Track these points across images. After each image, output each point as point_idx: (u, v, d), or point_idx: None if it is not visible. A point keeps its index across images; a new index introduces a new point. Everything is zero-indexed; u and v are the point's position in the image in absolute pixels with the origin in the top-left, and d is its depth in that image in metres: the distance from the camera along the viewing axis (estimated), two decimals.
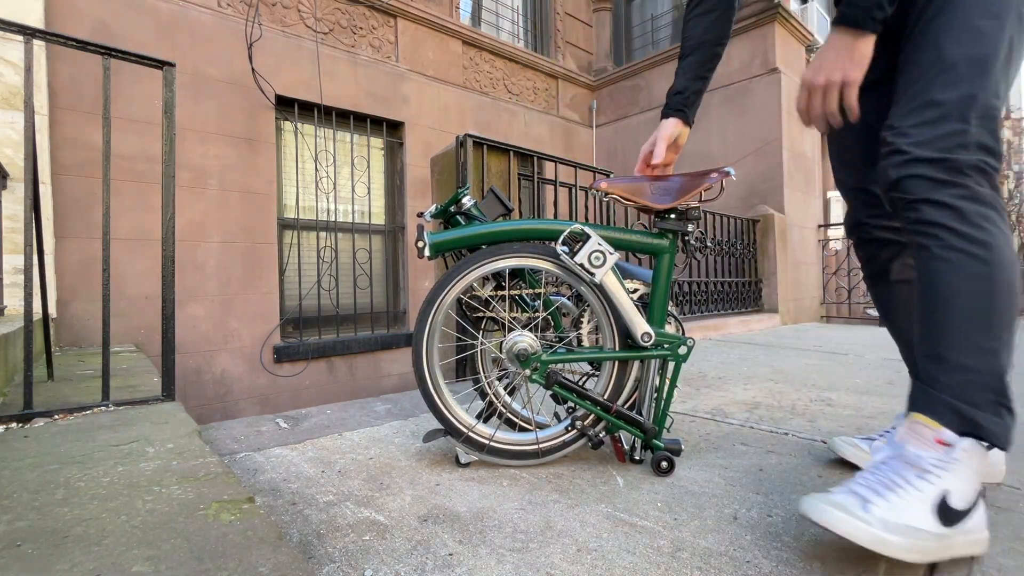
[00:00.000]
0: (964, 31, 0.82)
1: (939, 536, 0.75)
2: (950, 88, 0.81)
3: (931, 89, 0.82)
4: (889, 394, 1.91)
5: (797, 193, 5.30)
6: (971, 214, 0.80)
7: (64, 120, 2.93)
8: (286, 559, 0.66)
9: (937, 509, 0.76)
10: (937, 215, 0.81)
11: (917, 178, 0.82)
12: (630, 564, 0.80)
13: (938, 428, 0.80)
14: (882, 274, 1.14)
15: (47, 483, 0.89)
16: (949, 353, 0.81)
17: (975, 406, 0.79)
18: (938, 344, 0.83)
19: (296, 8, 3.96)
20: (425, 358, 1.18)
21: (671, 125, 1.21)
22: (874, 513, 0.74)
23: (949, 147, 0.80)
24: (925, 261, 0.84)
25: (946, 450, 0.78)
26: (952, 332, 0.82)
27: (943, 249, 0.82)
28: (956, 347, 0.81)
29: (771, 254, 4.92)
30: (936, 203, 0.81)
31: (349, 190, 4.21)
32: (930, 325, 0.84)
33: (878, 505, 0.75)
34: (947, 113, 0.81)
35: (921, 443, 0.80)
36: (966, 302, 0.81)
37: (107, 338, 1.42)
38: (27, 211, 1.34)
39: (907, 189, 0.83)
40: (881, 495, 0.76)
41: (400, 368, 4.32)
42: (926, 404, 0.82)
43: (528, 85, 5.80)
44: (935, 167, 0.81)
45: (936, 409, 0.81)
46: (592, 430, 1.16)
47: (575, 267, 1.11)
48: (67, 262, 2.92)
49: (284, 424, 1.53)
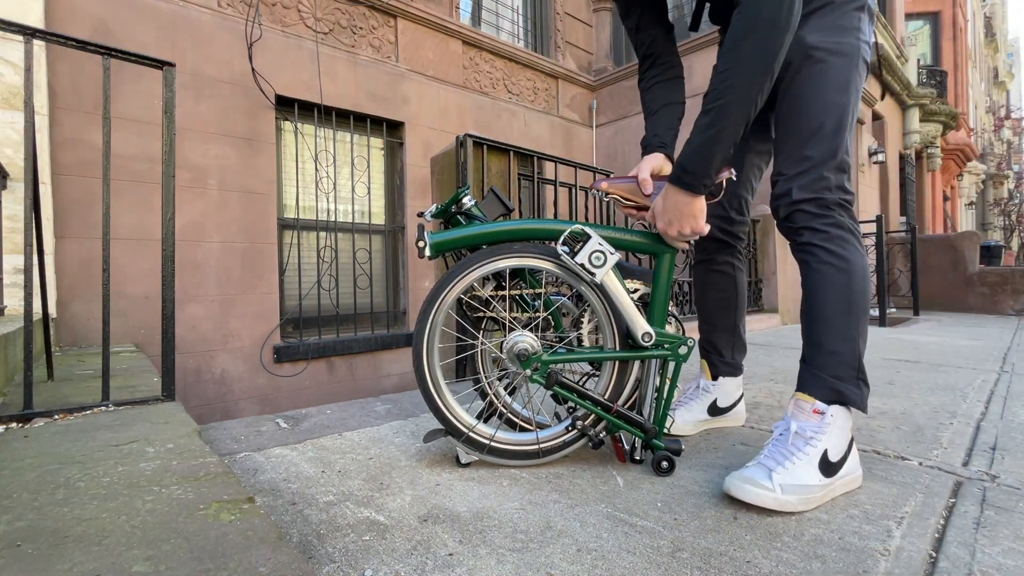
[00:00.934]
0: (825, 103, 1.09)
1: (823, 486, 0.99)
2: (818, 147, 1.09)
3: (805, 147, 1.10)
4: (889, 394, 1.91)
5: None
6: (835, 238, 1.09)
7: (64, 120, 2.93)
8: (286, 559, 0.66)
9: (820, 465, 1.00)
10: (814, 238, 1.10)
11: (800, 212, 1.11)
12: (630, 564, 0.80)
13: (814, 402, 1.05)
14: (707, 262, 1.46)
15: (47, 483, 0.89)
16: (824, 340, 1.08)
17: (840, 379, 1.05)
18: (817, 334, 1.09)
19: (296, 8, 3.96)
20: (426, 358, 1.18)
21: (656, 159, 1.24)
22: (775, 480, 0.97)
23: (818, 189, 1.09)
24: (807, 273, 1.12)
25: (820, 418, 1.04)
26: (824, 325, 1.08)
27: (818, 263, 1.10)
28: (828, 336, 1.08)
29: (771, 254, 4.92)
30: (812, 229, 1.10)
31: (349, 190, 4.21)
32: (811, 320, 1.11)
33: (778, 472, 0.98)
34: (816, 164, 1.09)
35: (804, 416, 1.06)
36: (833, 302, 1.08)
37: (107, 338, 1.42)
38: (27, 211, 1.34)
39: (794, 220, 1.12)
40: (781, 463, 1.00)
41: (400, 368, 4.32)
42: (806, 383, 1.08)
43: (528, 85, 5.80)
44: (812, 204, 1.09)
45: (812, 386, 1.07)
46: (592, 430, 1.16)
47: (575, 267, 1.11)
48: (67, 262, 2.92)
49: (284, 424, 1.53)
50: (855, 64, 1.10)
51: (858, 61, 1.10)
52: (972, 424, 1.54)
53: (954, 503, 1.01)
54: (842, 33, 1.10)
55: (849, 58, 1.09)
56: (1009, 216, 17.14)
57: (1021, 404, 1.79)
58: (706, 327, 1.48)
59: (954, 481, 1.11)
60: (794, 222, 1.12)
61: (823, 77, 1.09)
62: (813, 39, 1.09)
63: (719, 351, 1.46)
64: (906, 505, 0.99)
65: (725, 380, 1.46)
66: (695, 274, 1.50)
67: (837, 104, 1.09)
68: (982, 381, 2.18)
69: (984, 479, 1.13)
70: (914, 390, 1.99)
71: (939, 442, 1.37)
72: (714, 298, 1.46)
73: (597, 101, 6.59)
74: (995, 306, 6.52)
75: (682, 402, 1.47)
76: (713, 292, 1.46)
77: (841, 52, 1.09)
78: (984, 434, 1.45)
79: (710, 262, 1.46)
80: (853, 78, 1.10)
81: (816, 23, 1.10)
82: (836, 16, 1.10)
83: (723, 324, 1.46)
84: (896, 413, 1.65)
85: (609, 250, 1.10)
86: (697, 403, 1.45)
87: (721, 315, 1.46)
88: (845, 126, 1.09)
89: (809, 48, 1.09)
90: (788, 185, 1.11)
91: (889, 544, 0.85)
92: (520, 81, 5.71)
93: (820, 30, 1.10)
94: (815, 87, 1.09)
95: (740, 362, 1.48)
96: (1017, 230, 16.69)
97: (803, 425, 1.04)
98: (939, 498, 1.03)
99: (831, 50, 1.09)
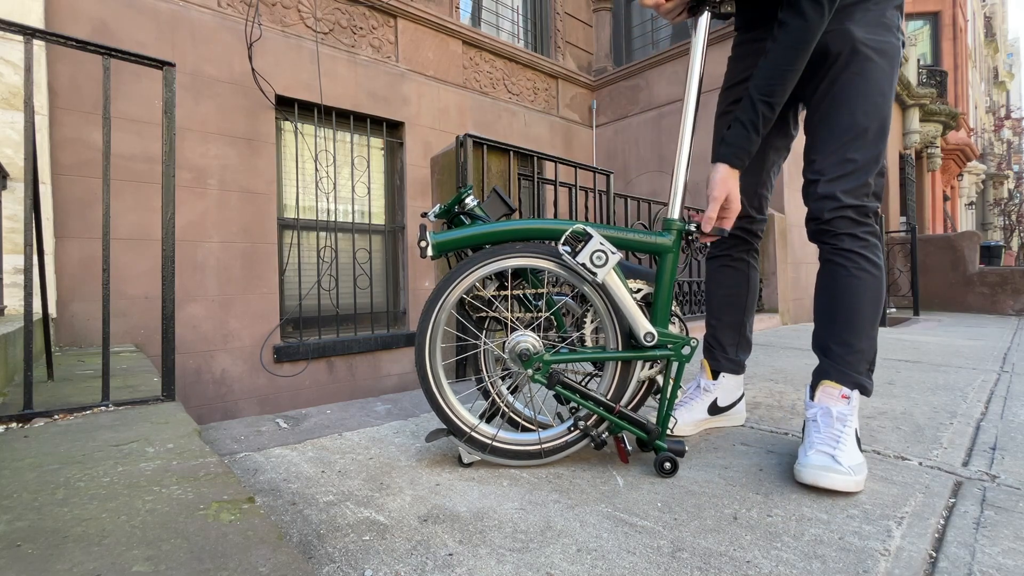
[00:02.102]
0: (871, 105, 1.10)
1: (864, 462, 1.09)
2: (862, 150, 1.11)
3: (849, 149, 1.11)
4: (889, 394, 1.91)
5: (797, 193, 5.30)
6: (872, 246, 1.16)
7: (64, 120, 2.93)
8: (286, 559, 0.66)
9: (856, 442, 1.11)
10: (855, 245, 1.15)
11: (843, 219, 1.14)
12: (630, 564, 0.80)
13: (841, 387, 1.16)
14: (723, 256, 1.48)
15: (47, 483, 0.89)
16: (853, 341, 1.17)
17: (859, 373, 1.17)
18: (847, 335, 1.17)
19: (296, 8, 3.96)
20: (428, 357, 1.17)
21: None
22: (844, 463, 1.04)
23: (863, 195, 1.13)
24: (841, 276, 1.17)
25: (847, 402, 1.14)
26: (856, 327, 1.17)
27: (857, 270, 1.15)
28: (857, 337, 1.17)
29: (771, 254, 4.92)
30: (854, 237, 1.15)
31: (349, 190, 4.21)
32: (843, 322, 1.18)
33: (841, 456, 1.05)
34: (860, 168, 1.11)
35: (835, 402, 1.15)
36: (867, 308, 1.16)
37: (107, 338, 1.42)
38: (27, 211, 1.34)
39: (837, 226, 1.15)
40: (836, 448, 1.07)
41: (400, 368, 4.32)
42: (833, 374, 1.18)
43: (528, 85, 5.80)
44: (855, 211, 1.13)
45: (840, 377, 1.17)
46: (595, 430, 1.16)
47: (577, 267, 1.11)
48: (67, 262, 2.92)
49: (284, 424, 1.53)
50: (896, 66, 1.11)
51: (898, 63, 1.12)
52: (972, 424, 1.54)
53: (954, 503, 1.01)
54: (886, 31, 1.09)
55: (892, 60, 1.10)
56: (1009, 216, 17.14)
57: (1021, 404, 1.79)
58: (713, 322, 1.50)
59: (954, 481, 1.11)
60: (837, 228, 1.15)
61: (870, 77, 1.08)
62: (860, 34, 1.07)
63: (723, 347, 1.47)
64: (906, 505, 0.99)
65: (726, 378, 1.47)
66: (708, 268, 1.51)
67: (880, 108, 1.10)
68: (982, 381, 2.17)
69: (984, 479, 1.13)
70: (914, 390, 1.99)
71: (939, 442, 1.37)
72: (725, 293, 1.47)
73: (597, 101, 6.59)
74: (995, 306, 6.52)
75: (683, 402, 1.47)
76: (724, 288, 1.47)
77: (886, 52, 1.09)
78: (984, 434, 1.45)
79: (726, 257, 1.47)
80: (893, 82, 1.11)
81: (861, 16, 1.08)
82: (879, 12, 1.09)
83: (731, 320, 1.47)
84: (896, 413, 1.65)
85: (611, 250, 1.10)
86: (697, 403, 1.45)
87: (730, 311, 1.47)
88: (887, 131, 1.11)
89: (857, 42, 1.07)
90: (832, 188, 1.12)
91: (889, 544, 0.85)
92: (520, 81, 5.71)
93: (866, 24, 1.08)
94: (861, 87, 1.09)
95: (743, 360, 1.49)
96: (1017, 230, 16.69)
97: (839, 409, 1.13)
98: (939, 498, 1.03)
99: (878, 49, 1.08)
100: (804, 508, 0.99)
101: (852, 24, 1.09)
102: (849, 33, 1.08)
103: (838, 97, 1.11)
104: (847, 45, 1.09)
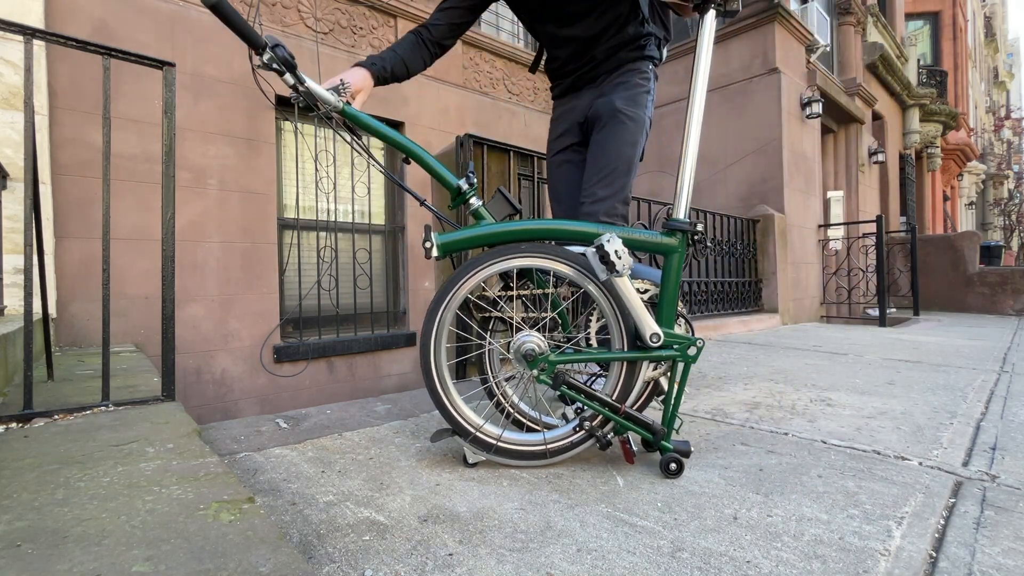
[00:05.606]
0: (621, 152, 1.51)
1: None
2: (613, 185, 1.50)
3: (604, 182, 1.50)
4: (889, 394, 1.91)
5: (797, 193, 5.30)
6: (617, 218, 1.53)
7: (64, 120, 2.93)
8: (286, 559, 0.66)
9: None
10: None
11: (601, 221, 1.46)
12: (630, 564, 0.80)
13: None
14: None
15: (47, 483, 0.89)
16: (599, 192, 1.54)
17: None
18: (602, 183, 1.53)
19: (296, 8, 3.96)
20: (433, 357, 1.17)
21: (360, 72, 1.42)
22: None
23: (613, 215, 1.49)
24: None
25: None
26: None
27: None
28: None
29: (771, 254, 4.92)
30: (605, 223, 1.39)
31: (349, 190, 4.21)
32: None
33: None
34: (611, 196, 1.50)
35: None
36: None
37: (107, 338, 1.42)
38: (27, 211, 1.34)
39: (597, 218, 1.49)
40: None
41: (400, 368, 4.32)
42: None
43: (528, 85, 5.80)
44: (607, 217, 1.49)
45: None
46: (601, 431, 1.15)
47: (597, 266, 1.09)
48: (67, 262, 2.92)
49: (284, 424, 1.53)
50: (642, 130, 1.54)
51: (644, 129, 1.54)
52: (972, 424, 1.54)
53: (954, 503, 1.01)
54: (637, 107, 1.53)
55: (639, 125, 1.52)
56: (1009, 216, 17.14)
57: (1021, 404, 1.79)
58: None
59: (954, 481, 1.11)
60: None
61: (623, 132, 1.50)
62: (620, 104, 1.51)
63: None
64: (906, 505, 0.99)
65: None
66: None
67: (629, 155, 1.51)
68: (982, 381, 2.17)
69: (984, 479, 1.13)
70: (914, 390, 1.99)
71: (939, 442, 1.37)
72: None
73: None
74: (995, 306, 6.52)
75: None
76: None
77: (635, 119, 1.51)
78: (984, 434, 1.45)
79: None
80: (640, 139, 1.53)
81: (623, 94, 1.52)
82: (632, 94, 1.53)
83: None
84: (896, 413, 1.66)
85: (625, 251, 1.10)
86: None
87: None
88: (632, 169, 1.53)
89: (617, 110, 1.51)
90: (594, 208, 1.50)
91: (889, 544, 0.85)
92: (520, 81, 5.70)
93: (623, 99, 1.52)
94: (616, 139, 1.50)
95: None
96: (1017, 230, 16.69)
97: None
98: (939, 498, 1.03)
99: (629, 115, 1.51)
100: (804, 508, 0.99)
101: (615, 97, 1.52)
102: (612, 103, 1.51)
103: (601, 145, 1.52)
104: (609, 110, 1.51)
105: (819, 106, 5.43)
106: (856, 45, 7.42)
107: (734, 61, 5.43)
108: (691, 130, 1.17)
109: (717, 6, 1.16)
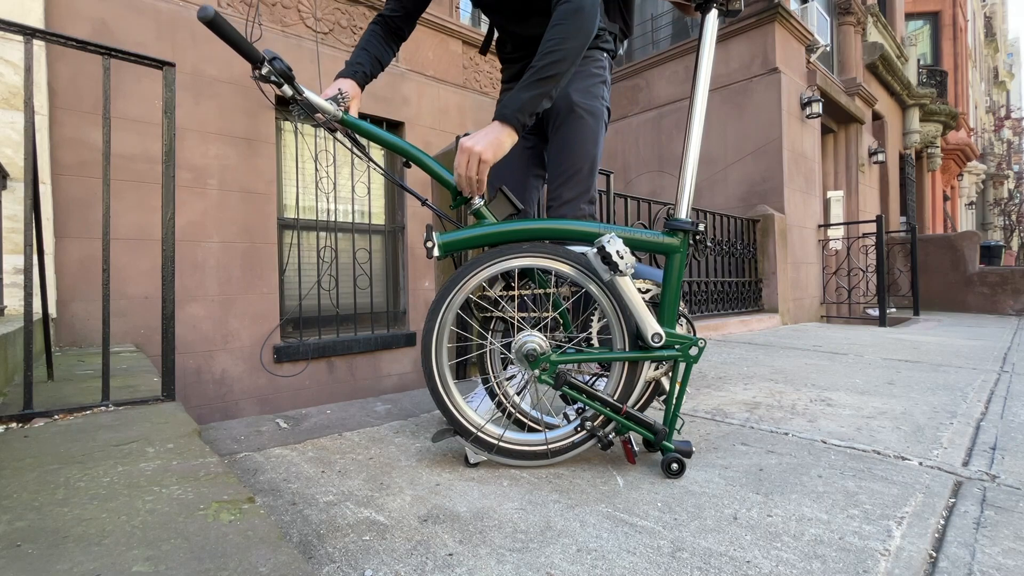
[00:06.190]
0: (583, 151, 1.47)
1: None
2: (578, 186, 1.48)
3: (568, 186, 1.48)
4: (889, 394, 1.91)
5: (797, 193, 5.30)
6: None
7: (64, 120, 2.93)
8: (286, 559, 0.66)
9: None
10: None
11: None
12: (630, 564, 0.80)
13: None
14: None
15: (47, 483, 0.89)
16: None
17: None
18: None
19: (296, 8, 3.96)
20: (434, 357, 1.17)
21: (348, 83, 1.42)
22: None
23: (579, 216, 1.48)
24: None
25: None
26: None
27: None
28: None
29: (771, 254, 4.92)
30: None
31: (349, 190, 4.21)
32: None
33: None
34: (576, 198, 1.48)
35: None
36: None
37: (107, 338, 1.42)
38: (27, 211, 1.34)
39: None
40: None
41: (400, 368, 4.32)
42: None
43: None
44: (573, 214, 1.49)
45: None
46: (602, 431, 1.15)
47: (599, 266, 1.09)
48: (67, 262, 2.92)
49: (284, 424, 1.53)
50: (601, 123, 1.50)
51: (603, 121, 1.51)
52: (972, 424, 1.54)
53: (954, 503, 1.01)
54: (594, 99, 1.48)
55: (598, 119, 1.48)
56: (1009, 216, 17.15)
57: (1021, 404, 1.79)
58: None
59: (954, 481, 1.11)
60: None
61: (583, 130, 1.46)
62: (576, 98, 1.44)
63: None
64: (906, 505, 0.99)
65: None
66: None
67: (591, 153, 1.48)
68: (982, 381, 2.18)
69: (984, 479, 1.13)
70: (914, 390, 1.99)
71: (939, 442, 1.37)
72: None
73: None
74: (995, 306, 6.52)
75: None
76: None
77: (593, 113, 1.47)
78: (984, 434, 1.45)
79: None
80: (600, 133, 1.50)
81: (578, 84, 1.45)
82: (587, 85, 1.47)
83: None
84: (896, 413, 1.66)
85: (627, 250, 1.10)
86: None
87: None
88: (595, 167, 1.51)
89: (574, 104, 1.44)
90: (562, 211, 1.50)
91: (889, 544, 0.85)
92: None
93: (579, 92, 1.45)
94: (577, 137, 1.46)
95: None
96: (1017, 230, 16.69)
97: None
98: (939, 498, 1.03)
99: (587, 110, 1.46)
100: (804, 508, 0.99)
101: (570, 89, 1.44)
102: (568, 96, 1.44)
103: (561, 144, 1.48)
104: (567, 105, 1.44)
105: (819, 106, 5.44)
106: (856, 45, 7.42)
107: (734, 61, 5.43)
108: (692, 130, 1.17)
109: (719, 6, 1.16)
